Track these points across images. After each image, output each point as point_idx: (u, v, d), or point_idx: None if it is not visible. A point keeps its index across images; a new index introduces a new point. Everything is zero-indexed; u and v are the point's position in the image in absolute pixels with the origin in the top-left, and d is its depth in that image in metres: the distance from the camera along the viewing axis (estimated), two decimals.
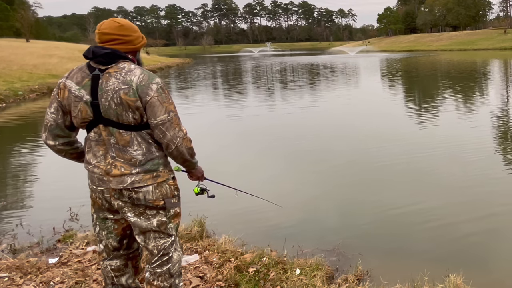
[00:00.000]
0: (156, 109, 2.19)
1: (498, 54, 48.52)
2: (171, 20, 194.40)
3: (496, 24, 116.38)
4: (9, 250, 3.91)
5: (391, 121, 10.90)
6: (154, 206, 2.29)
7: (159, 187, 2.28)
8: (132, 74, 2.17)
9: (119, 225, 2.42)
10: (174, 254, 2.42)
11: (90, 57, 2.21)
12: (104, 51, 2.18)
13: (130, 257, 2.53)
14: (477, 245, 4.25)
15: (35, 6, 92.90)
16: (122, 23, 2.27)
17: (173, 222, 2.39)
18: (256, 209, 5.18)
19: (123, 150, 2.21)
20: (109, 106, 2.17)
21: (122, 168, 2.21)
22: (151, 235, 2.34)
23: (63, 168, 7.21)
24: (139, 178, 2.23)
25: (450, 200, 5.34)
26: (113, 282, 2.50)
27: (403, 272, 3.50)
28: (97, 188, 2.28)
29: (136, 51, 2.37)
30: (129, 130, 2.21)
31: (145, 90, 2.17)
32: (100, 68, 2.19)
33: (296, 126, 10.49)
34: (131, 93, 2.15)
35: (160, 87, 2.21)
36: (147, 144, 2.25)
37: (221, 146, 8.51)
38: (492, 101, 13.95)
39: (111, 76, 2.17)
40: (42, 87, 18.85)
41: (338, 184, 6.17)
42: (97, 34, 2.24)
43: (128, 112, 2.17)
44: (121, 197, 2.25)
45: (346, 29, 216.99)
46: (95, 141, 2.25)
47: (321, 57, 55.20)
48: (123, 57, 2.23)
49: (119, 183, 2.22)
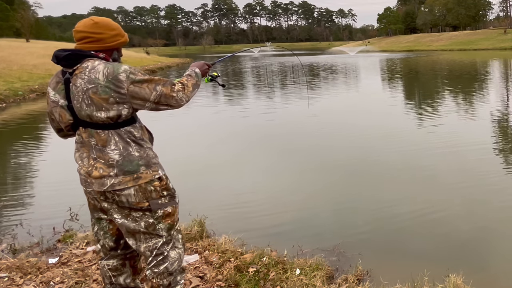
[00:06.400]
0: (141, 94, 2.16)
1: (498, 54, 48.48)
2: (171, 20, 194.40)
3: (496, 24, 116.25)
4: (9, 250, 3.91)
5: (392, 121, 10.88)
6: (139, 208, 2.24)
7: (141, 189, 2.22)
8: (95, 72, 2.12)
9: (113, 225, 2.41)
10: (171, 252, 2.37)
11: (55, 62, 2.19)
12: (64, 53, 2.16)
13: (127, 257, 2.51)
14: (477, 245, 4.24)
15: (35, 6, 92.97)
16: (97, 21, 2.23)
17: (163, 222, 2.32)
18: (256, 209, 5.18)
19: (102, 151, 2.19)
20: (81, 108, 2.15)
21: (101, 170, 2.18)
22: (141, 236, 2.30)
23: (63, 168, 7.21)
24: (119, 181, 2.18)
25: (450, 200, 5.33)
26: (111, 282, 2.49)
27: (403, 272, 3.50)
28: (86, 189, 2.28)
29: (112, 50, 2.30)
30: (106, 129, 2.18)
31: (116, 83, 2.12)
32: (69, 71, 2.17)
33: (296, 126, 10.49)
34: (100, 91, 2.11)
35: (128, 73, 2.14)
36: (125, 143, 2.20)
37: (221, 145, 8.51)
38: (492, 100, 13.94)
39: (77, 77, 2.14)
40: (42, 87, 18.83)
41: (338, 184, 6.16)
42: (73, 32, 2.24)
43: (100, 111, 2.13)
44: (106, 199, 2.23)
45: (346, 29, 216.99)
46: (80, 143, 2.25)
47: (321, 57, 55.16)
48: (88, 55, 2.17)
49: (100, 185, 2.19)
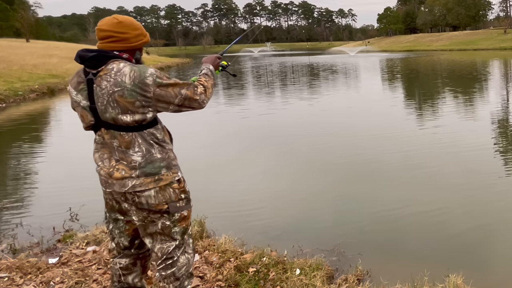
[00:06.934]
0: (167, 98, 2.17)
1: (498, 54, 48.45)
2: (171, 20, 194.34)
3: (496, 24, 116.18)
4: (9, 250, 3.90)
5: (392, 121, 10.88)
6: (158, 210, 2.25)
7: (161, 191, 2.23)
8: (122, 74, 2.11)
9: (130, 226, 2.41)
10: (180, 257, 2.37)
11: (79, 62, 2.17)
12: (90, 54, 2.14)
13: (140, 257, 2.52)
14: (477, 245, 4.24)
15: (35, 6, 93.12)
16: (121, 19, 2.21)
17: (179, 226, 2.33)
18: (256, 209, 5.18)
19: (125, 153, 2.19)
20: (105, 110, 2.14)
21: (123, 171, 2.19)
22: (157, 237, 2.32)
23: (63, 168, 7.22)
24: (140, 182, 2.19)
25: (450, 200, 5.33)
26: (119, 280, 2.50)
27: (403, 272, 3.50)
28: (106, 189, 2.29)
29: (135, 50, 2.28)
30: (130, 131, 2.18)
31: (142, 87, 2.12)
32: (93, 72, 2.15)
33: (296, 125, 10.49)
34: (126, 95, 2.10)
35: (155, 77, 2.14)
36: (148, 145, 2.20)
37: (221, 145, 8.51)
38: (492, 101, 13.93)
39: (102, 79, 2.12)
40: (42, 87, 18.85)
41: (338, 184, 6.16)
42: (96, 30, 2.21)
43: (126, 114, 2.13)
44: (126, 200, 2.25)
45: (346, 29, 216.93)
46: (100, 144, 2.24)
47: (321, 57, 55.15)
48: (112, 56, 2.16)
49: (121, 187, 2.20)
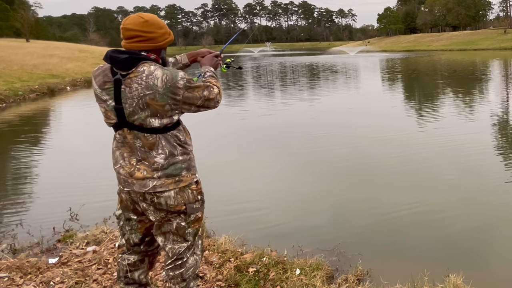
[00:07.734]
0: (192, 100, 2.23)
1: (498, 54, 48.48)
2: (171, 20, 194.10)
3: (496, 24, 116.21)
4: (9, 250, 3.91)
5: (392, 122, 10.89)
6: (176, 211, 2.28)
7: (181, 192, 2.26)
8: (154, 78, 2.11)
9: (142, 225, 2.44)
10: (190, 259, 2.40)
11: (109, 63, 2.17)
12: (122, 56, 2.13)
13: (148, 254, 2.54)
14: (477, 245, 4.25)
15: (35, 6, 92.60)
16: (147, 18, 2.19)
17: (192, 227, 2.36)
18: (256, 209, 5.19)
19: (148, 154, 2.20)
20: (134, 112, 2.14)
21: (145, 172, 2.20)
22: (170, 236, 2.34)
23: (63, 168, 7.22)
24: (161, 183, 2.21)
25: (450, 200, 5.34)
26: (126, 276, 2.52)
27: (403, 272, 3.50)
28: (124, 188, 2.30)
29: (161, 49, 2.28)
30: (154, 133, 2.19)
31: (174, 91, 2.14)
32: (122, 73, 2.14)
33: (296, 125, 10.49)
34: (158, 98, 2.12)
35: (185, 81, 2.18)
36: (171, 147, 2.22)
37: (221, 146, 8.51)
38: (492, 101, 13.94)
39: (132, 82, 2.12)
40: (42, 87, 18.87)
41: (338, 184, 6.16)
42: (121, 29, 2.19)
43: (155, 117, 2.15)
44: (145, 200, 2.26)
45: (346, 29, 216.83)
46: (121, 143, 2.25)
47: (321, 57, 55.16)
48: (142, 58, 2.15)
49: (141, 187, 2.22)
